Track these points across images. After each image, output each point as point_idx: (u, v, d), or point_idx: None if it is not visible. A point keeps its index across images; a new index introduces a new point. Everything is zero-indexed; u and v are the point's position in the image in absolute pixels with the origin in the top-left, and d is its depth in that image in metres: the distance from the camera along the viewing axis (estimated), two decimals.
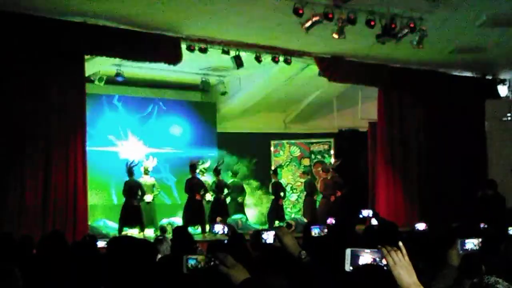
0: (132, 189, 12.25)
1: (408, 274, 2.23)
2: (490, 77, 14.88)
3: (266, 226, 13.09)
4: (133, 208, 12.14)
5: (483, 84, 14.83)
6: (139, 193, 12.33)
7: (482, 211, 11.24)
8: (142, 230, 11.91)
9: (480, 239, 3.72)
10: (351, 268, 2.35)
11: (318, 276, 3.07)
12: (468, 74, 14.54)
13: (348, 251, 2.38)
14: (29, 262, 3.94)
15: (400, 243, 2.28)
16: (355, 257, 2.36)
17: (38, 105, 10.02)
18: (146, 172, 12.94)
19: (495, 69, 14.42)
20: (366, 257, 2.34)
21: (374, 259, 2.32)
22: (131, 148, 14.27)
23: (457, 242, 3.92)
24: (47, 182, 10.00)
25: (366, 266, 2.34)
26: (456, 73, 14.36)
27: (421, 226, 9.61)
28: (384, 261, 2.27)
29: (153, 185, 12.93)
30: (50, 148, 10.11)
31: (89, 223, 11.15)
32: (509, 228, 5.72)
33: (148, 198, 12.59)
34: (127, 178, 12.31)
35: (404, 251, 2.26)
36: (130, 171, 12.36)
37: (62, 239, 5.36)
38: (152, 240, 6.74)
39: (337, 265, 2.50)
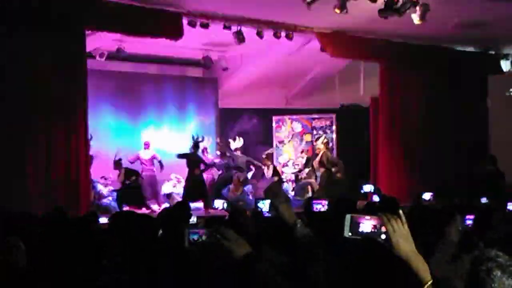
0: (195, 163, 12.59)
1: (406, 242, 2.24)
2: (493, 52, 14.78)
3: None
4: (197, 180, 12.50)
5: (486, 59, 14.75)
6: (201, 166, 12.74)
7: (482, 186, 11.29)
8: (207, 203, 12.08)
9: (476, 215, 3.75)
10: (350, 234, 2.36)
11: (314, 248, 3.09)
12: (471, 49, 14.44)
13: (348, 217, 2.38)
14: (30, 238, 3.97)
15: (400, 211, 2.29)
16: (354, 223, 2.37)
17: (38, 81, 9.93)
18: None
19: (498, 44, 14.31)
20: (366, 224, 2.35)
21: (374, 226, 2.33)
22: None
23: (457, 218, 3.94)
24: (49, 157, 9.98)
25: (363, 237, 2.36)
26: (458, 48, 14.25)
27: (427, 195, 9.53)
28: (383, 229, 2.28)
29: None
30: (51, 123, 10.05)
31: None
32: (509, 204, 5.74)
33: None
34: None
35: (403, 219, 2.27)
36: (196, 145, 12.72)
37: (63, 215, 5.39)
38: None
39: (337, 238, 2.51)
